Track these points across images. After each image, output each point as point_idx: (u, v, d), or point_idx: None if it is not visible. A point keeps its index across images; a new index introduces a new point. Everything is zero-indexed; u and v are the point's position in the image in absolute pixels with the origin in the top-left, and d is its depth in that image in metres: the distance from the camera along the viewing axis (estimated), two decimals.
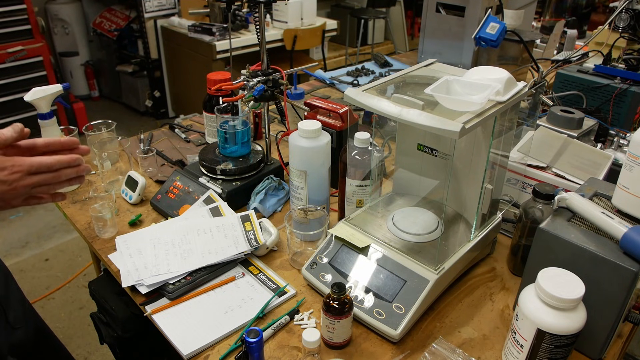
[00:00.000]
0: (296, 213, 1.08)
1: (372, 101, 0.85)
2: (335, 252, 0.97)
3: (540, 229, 0.83)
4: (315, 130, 1.06)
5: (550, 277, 0.75)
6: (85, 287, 2.01)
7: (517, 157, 1.13)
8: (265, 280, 1.00)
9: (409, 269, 0.90)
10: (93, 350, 2.11)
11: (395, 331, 0.85)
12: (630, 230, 0.76)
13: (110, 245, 1.09)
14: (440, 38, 2.00)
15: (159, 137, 1.58)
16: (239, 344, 0.86)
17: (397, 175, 1.14)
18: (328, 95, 1.90)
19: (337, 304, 0.82)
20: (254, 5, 1.12)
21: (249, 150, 1.27)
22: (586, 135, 1.28)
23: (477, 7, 1.83)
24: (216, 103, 1.35)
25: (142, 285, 0.95)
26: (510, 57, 1.90)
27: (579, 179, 1.06)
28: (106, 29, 4.08)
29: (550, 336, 0.74)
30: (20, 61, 3.10)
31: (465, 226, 1.03)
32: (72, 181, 0.86)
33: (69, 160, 0.83)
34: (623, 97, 1.43)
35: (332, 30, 4.03)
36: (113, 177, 1.33)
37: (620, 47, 1.69)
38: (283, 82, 1.17)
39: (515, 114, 0.97)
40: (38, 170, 0.80)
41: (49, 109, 1.23)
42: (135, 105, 4.30)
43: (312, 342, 0.82)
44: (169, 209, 1.19)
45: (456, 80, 0.88)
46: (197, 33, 3.42)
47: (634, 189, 0.82)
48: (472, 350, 0.86)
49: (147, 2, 3.64)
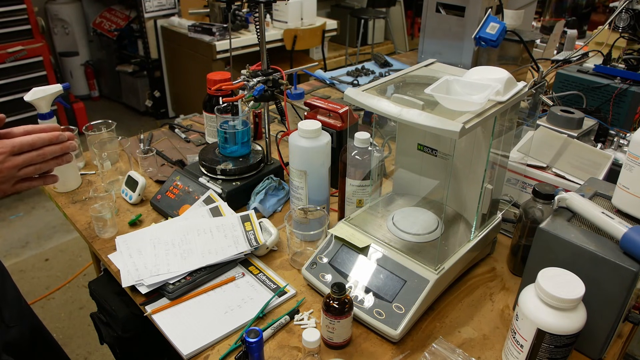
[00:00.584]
0: (296, 213, 1.08)
1: (372, 101, 0.85)
2: (335, 252, 0.97)
3: (540, 229, 0.83)
4: (315, 130, 1.06)
5: (550, 277, 0.75)
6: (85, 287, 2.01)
7: (517, 157, 1.13)
8: (265, 280, 1.00)
9: (409, 269, 0.90)
10: (93, 350, 2.11)
11: (395, 331, 0.85)
12: (630, 230, 0.76)
13: (110, 245, 1.09)
14: (440, 38, 2.00)
15: (159, 137, 1.59)
16: (239, 344, 0.86)
17: (397, 175, 1.14)
18: (328, 95, 1.90)
19: (337, 304, 0.82)
20: (254, 5, 1.12)
21: (249, 150, 1.27)
22: (586, 135, 1.28)
23: (477, 7, 1.83)
24: (216, 103, 1.35)
25: (142, 285, 0.95)
26: (510, 57, 1.90)
27: (579, 179, 1.06)
28: (106, 29, 4.08)
29: (550, 336, 0.74)
30: (20, 61, 3.10)
31: (465, 226, 1.03)
32: (59, 159, 0.87)
33: (50, 137, 0.84)
34: (623, 97, 1.43)
35: (332, 30, 4.03)
36: (113, 177, 1.33)
37: (620, 47, 1.69)
38: (283, 82, 1.17)
39: (515, 114, 0.97)
40: (21, 149, 0.81)
41: (49, 109, 1.23)
42: (135, 105, 4.30)
43: (312, 342, 0.82)
44: (169, 209, 1.19)
45: (456, 80, 0.88)
46: (197, 33, 3.42)
47: (634, 189, 0.82)
48: (472, 350, 0.86)
49: (147, 2, 3.64)
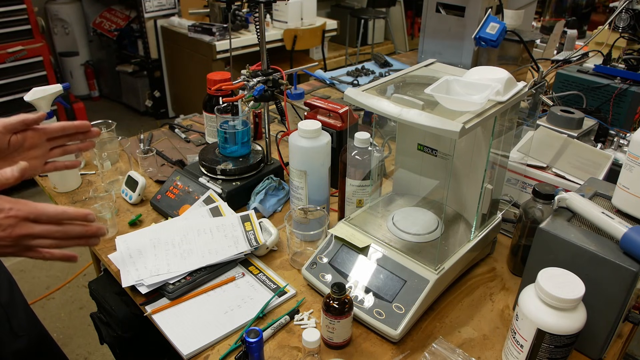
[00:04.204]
0: (296, 213, 1.08)
1: (372, 101, 0.85)
2: (335, 252, 0.97)
3: (540, 229, 0.83)
4: (315, 130, 1.06)
5: (550, 277, 0.75)
6: (85, 287, 2.01)
7: (517, 157, 1.13)
8: (265, 280, 1.00)
9: (409, 269, 0.90)
10: (93, 350, 2.11)
11: (395, 331, 0.85)
12: (630, 230, 0.76)
13: (110, 245, 1.09)
14: (440, 38, 2.00)
15: (159, 137, 1.58)
16: (239, 344, 0.86)
17: (397, 175, 1.14)
18: (328, 95, 1.90)
19: (337, 304, 0.82)
20: (254, 5, 1.12)
21: (249, 150, 1.27)
22: (586, 135, 1.28)
23: (477, 7, 1.83)
24: (216, 103, 1.35)
25: (142, 285, 0.95)
26: (510, 57, 1.90)
27: (579, 179, 1.06)
28: (106, 29, 4.08)
29: (550, 336, 0.74)
30: (20, 61, 3.09)
31: (465, 226, 1.02)
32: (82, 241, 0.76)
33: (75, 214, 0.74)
34: (623, 97, 1.43)
35: (332, 30, 4.03)
36: (113, 177, 1.33)
37: (620, 47, 1.69)
38: (283, 82, 1.17)
39: (515, 114, 0.97)
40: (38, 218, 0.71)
41: (49, 109, 1.23)
42: (135, 105, 4.30)
43: (312, 342, 0.82)
44: (169, 209, 1.19)
45: (456, 80, 0.88)
46: (197, 33, 3.42)
47: (634, 189, 0.82)
48: (472, 350, 0.86)
49: (147, 2, 3.64)
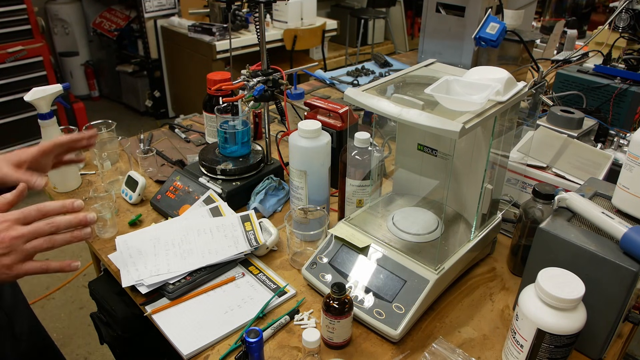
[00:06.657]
0: (296, 213, 1.08)
1: (372, 101, 0.85)
2: (335, 252, 0.97)
3: (540, 229, 0.83)
4: (315, 130, 1.06)
5: (550, 277, 0.75)
6: (85, 287, 2.01)
7: (517, 157, 1.13)
8: (265, 280, 1.00)
9: (409, 269, 0.90)
10: (93, 350, 2.11)
11: (395, 331, 0.85)
12: (630, 230, 0.76)
13: (110, 245, 1.09)
14: (440, 38, 2.00)
15: (159, 137, 1.58)
16: (239, 344, 0.86)
17: (397, 175, 1.14)
18: (328, 95, 1.90)
19: (337, 304, 0.82)
20: (254, 5, 1.12)
21: (249, 150, 1.27)
22: (586, 135, 1.28)
23: (477, 7, 1.83)
24: (216, 103, 1.35)
25: (142, 285, 0.95)
26: (510, 57, 1.90)
27: (579, 179, 1.06)
28: (106, 29, 4.08)
29: (550, 336, 0.74)
30: (20, 61, 3.10)
31: (465, 226, 1.02)
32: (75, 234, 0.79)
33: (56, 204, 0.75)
34: (623, 97, 1.43)
35: (332, 30, 4.03)
36: (113, 177, 1.33)
37: (620, 47, 1.69)
38: (283, 82, 1.17)
39: (515, 114, 0.97)
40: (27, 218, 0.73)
41: (49, 109, 1.23)
42: (135, 105, 4.30)
43: (312, 342, 0.82)
44: (169, 209, 1.19)
45: (456, 80, 0.88)
46: (197, 33, 3.42)
47: (634, 189, 0.82)
48: (472, 350, 0.86)
49: (147, 2, 3.64)
